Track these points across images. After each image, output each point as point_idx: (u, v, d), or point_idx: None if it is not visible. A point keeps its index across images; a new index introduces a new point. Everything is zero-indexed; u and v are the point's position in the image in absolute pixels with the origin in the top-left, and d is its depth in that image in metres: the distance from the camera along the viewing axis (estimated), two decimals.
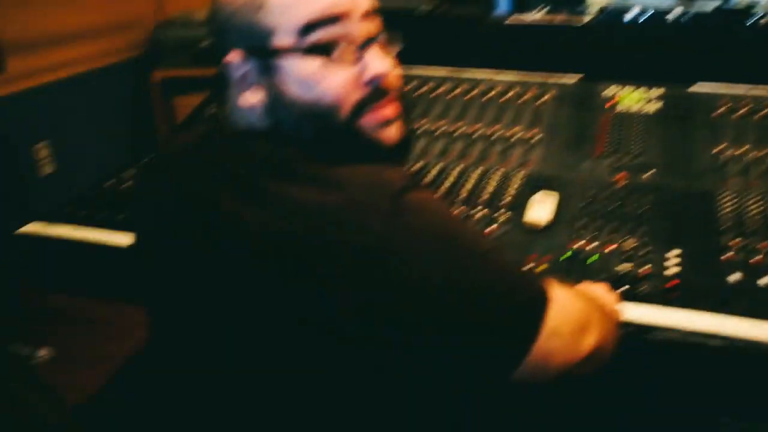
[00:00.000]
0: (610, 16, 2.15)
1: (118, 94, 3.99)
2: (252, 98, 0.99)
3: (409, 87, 2.15)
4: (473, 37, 2.26)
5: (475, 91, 2.11)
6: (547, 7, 2.25)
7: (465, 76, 2.18)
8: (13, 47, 3.18)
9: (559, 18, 2.19)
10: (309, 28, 0.97)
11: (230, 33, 0.99)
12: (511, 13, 2.30)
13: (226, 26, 0.99)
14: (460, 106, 2.07)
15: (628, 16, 2.12)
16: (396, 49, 1.11)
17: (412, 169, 1.84)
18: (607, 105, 2.02)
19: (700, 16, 2.08)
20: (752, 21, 2.06)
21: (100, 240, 1.54)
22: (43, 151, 3.47)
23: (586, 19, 2.17)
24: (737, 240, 1.49)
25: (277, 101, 0.99)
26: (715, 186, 1.71)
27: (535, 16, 2.22)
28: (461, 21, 2.27)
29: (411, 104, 2.07)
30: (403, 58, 2.20)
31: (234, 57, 0.98)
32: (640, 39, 2.13)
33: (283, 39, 0.97)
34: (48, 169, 3.50)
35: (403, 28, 2.23)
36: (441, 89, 2.13)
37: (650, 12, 2.10)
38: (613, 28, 2.15)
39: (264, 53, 0.97)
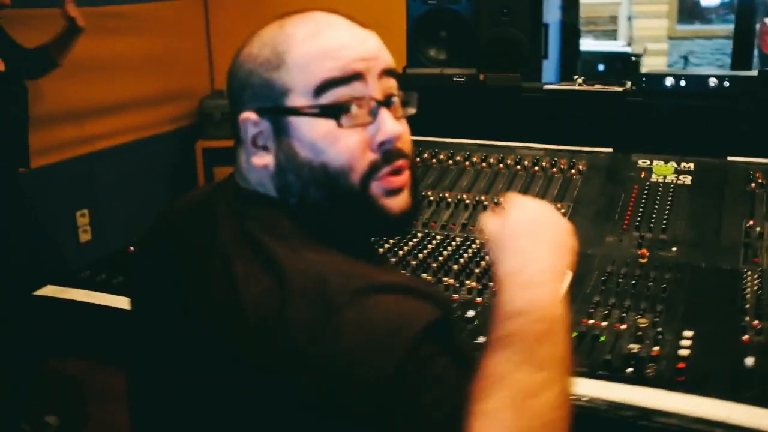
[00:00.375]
0: (647, 86, 2.13)
1: (165, 163, 4.14)
2: (264, 159, 0.98)
3: (440, 156, 2.18)
4: (507, 107, 2.28)
5: (508, 161, 2.12)
6: (583, 77, 2.25)
7: (497, 145, 2.19)
8: (68, 116, 3.36)
9: (595, 87, 2.19)
10: (324, 87, 0.95)
11: (246, 91, 0.98)
12: (551, 82, 2.32)
13: (243, 84, 0.99)
14: (491, 176, 2.08)
15: (664, 86, 2.10)
16: (412, 110, 1.05)
17: (432, 240, 1.85)
18: (639, 177, 2.00)
19: (737, 85, 2.05)
20: None
21: (112, 304, 1.60)
22: (82, 218, 3.63)
23: (622, 88, 2.16)
24: (757, 322, 1.45)
25: (289, 163, 0.97)
26: (742, 263, 1.66)
27: (572, 85, 2.22)
28: (497, 90, 2.29)
29: (435, 174, 2.09)
30: (435, 127, 2.25)
31: (248, 116, 0.97)
32: (677, 109, 2.10)
33: (298, 99, 0.96)
34: (86, 236, 3.65)
35: (438, 96, 2.28)
36: (473, 159, 2.14)
37: (686, 81, 2.08)
38: (650, 98, 2.14)
39: (278, 113, 0.97)
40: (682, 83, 2.07)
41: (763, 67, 7.15)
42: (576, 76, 2.27)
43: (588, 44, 7.02)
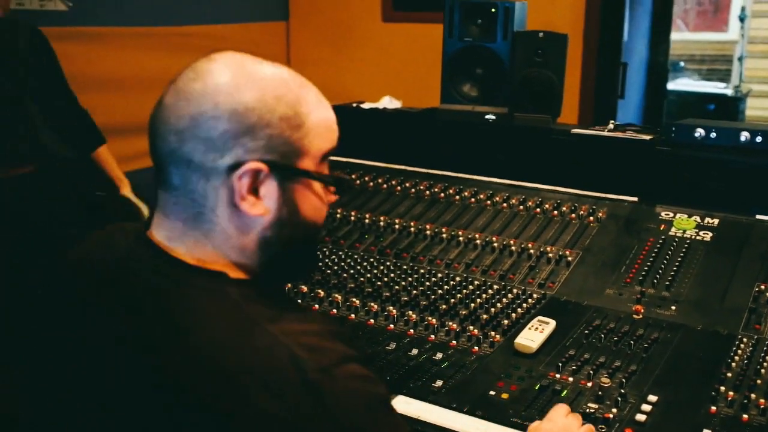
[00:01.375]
0: (676, 136, 2.06)
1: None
2: (259, 209, 0.99)
3: (464, 193, 2.17)
4: (536, 147, 2.25)
5: (530, 203, 2.09)
6: (615, 122, 2.19)
7: (522, 185, 2.17)
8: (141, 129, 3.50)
9: (624, 134, 2.13)
10: (326, 156, 1.03)
11: (260, 140, 0.98)
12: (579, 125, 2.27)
13: (257, 132, 0.98)
14: (509, 217, 2.06)
15: (694, 136, 2.03)
16: None
17: (432, 277, 1.85)
18: (659, 229, 1.93)
19: None
20: None
21: None
22: None
23: (651, 137, 2.09)
24: (732, 393, 1.37)
25: (291, 218, 1.01)
26: (742, 329, 1.58)
27: (601, 130, 2.17)
28: (525, 129, 2.27)
29: (455, 211, 2.09)
30: (464, 164, 2.25)
31: (258, 166, 0.97)
32: (705, 162, 2.02)
33: (309, 162, 1.01)
34: None
35: (468, 133, 2.28)
36: (496, 198, 2.13)
37: (717, 133, 2.00)
38: (679, 149, 2.06)
39: (289, 171, 1.00)
40: (713, 135, 1.99)
41: None
42: (612, 121, 2.22)
43: (685, 83, 6.78)
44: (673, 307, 1.67)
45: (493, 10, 2.27)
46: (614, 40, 3.72)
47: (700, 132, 2.00)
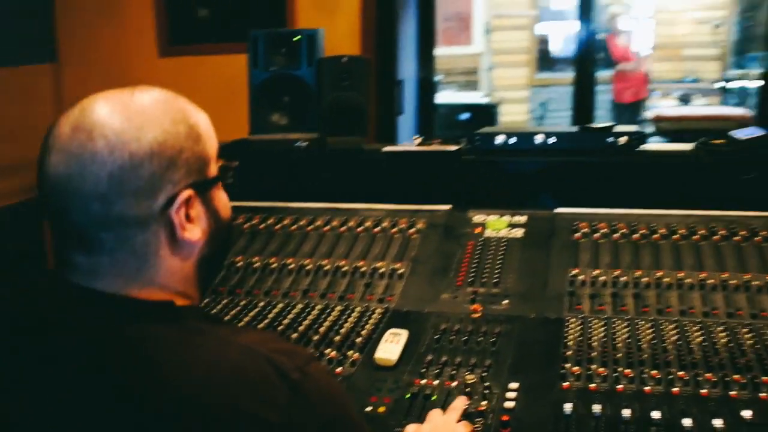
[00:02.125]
0: (480, 144, 2.23)
1: (7, 237, 3.95)
2: (196, 233, 1.00)
3: (285, 221, 2.19)
4: (350, 169, 2.33)
5: (351, 223, 2.16)
6: (422, 137, 2.33)
7: (340, 208, 2.23)
8: None
9: (431, 147, 2.27)
10: (217, 155, 1.05)
11: (181, 168, 0.97)
12: (388, 144, 2.39)
13: (176, 161, 0.97)
14: (333, 239, 2.11)
15: (495, 143, 2.20)
16: None
17: (273, 308, 1.86)
18: (474, 232, 2.08)
19: (562, 141, 2.17)
20: (612, 141, 2.15)
21: None
22: None
23: (457, 147, 2.25)
24: (577, 368, 1.52)
25: (217, 226, 1.04)
26: (567, 311, 1.75)
27: (409, 146, 2.29)
28: (338, 153, 2.34)
29: (279, 240, 2.11)
30: (280, 193, 2.27)
31: (189, 194, 0.97)
32: (507, 165, 2.21)
33: (213, 166, 1.03)
34: None
35: (281, 161, 2.31)
36: (316, 223, 2.17)
37: (516, 138, 2.19)
38: (484, 156, 2.23)
39: (207, 184, 1.01)
40: (512, 141, 2.18)
41: (616, 111, 7.59)
42: (415, 136, 2.35)
43: (448, 96, 7.27)
44: (506, 302, 1.81)
45: (296, 38, 2.32)
46: (390, 60, 3.92)
47: (500, 139, 2.19)
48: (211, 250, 1.03)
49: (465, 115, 6.31)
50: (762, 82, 4.38)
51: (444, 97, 7.07)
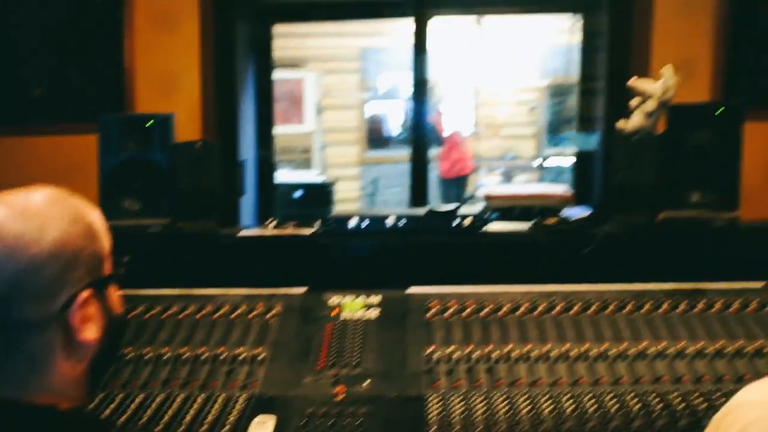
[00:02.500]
0: (334, 227, 2.30)
1: None
2: (93, 333, 0.98)
3: (139, 309, 2.15)
4: (204, 254, 2.33)
5: (207, 309, 2.14)
6: (276, 221, 2.37)
7: (196, 294, 2.22)
8: None
9: (287, 231, 2.32)
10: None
11: (81, 268, 0.97)
12: (243, 228, 2.41)
13: (76, 262, 0.97)
14: (190, 326, 2.09)
15: (348, 226, 2.28)
16: None
17: (132, 401, 1.81)
18: (331, 315, 2.13)
19: (411, 223, 2.28)
20: (458, 223, 2.28)
21: None
22: None
23: (311, 231, 2.31)
24: None
25: (112, 323, 1.03)
26: (425, 390, 1.82)
27: (264, 230, 2.33)
28: (192, 237, 2.33)
29: (133, 329, 2.06)
30: (133, 280, 2.21)
31: (85, 295, 0.96)
32: (360, 248, 2.29)
33: (107, 264, 1.03)
34: None
35: (134, 248, 2.26)
36: (172, 310, 2.14)
37: (368, 222, 2.28)
38: (338, 238, 2.30)
39: (103, 282, 1.00)
40: (364, 224, 2.27)
41: (442, 186, 7.96)
42: (269, 219, 2.39)
43: (285, 175, 7.36)
44: (367, 382, 1.86)
45: (149, 123, 2.32)
46: (231, 142, 3.95)
47: (353, 222, 2.27)
48: (104, 349, 1.03)
49: (300, 193, 6.41)
50: (575, 160, 4.81)
51: (280, 176, 7.16)
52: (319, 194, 6.44)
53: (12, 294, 0.91)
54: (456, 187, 8.34)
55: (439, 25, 4.91)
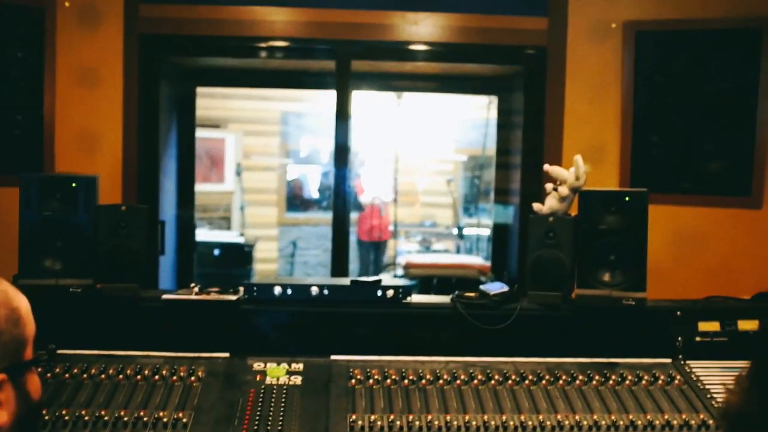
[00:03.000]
0: (258, 294, 2.32)
1: None
2: (4, 417, 0.97)
3: (57, 370, 2.11)
4: (126, 316, 2.31)
5: (129, 371, 2.13)
6: (199, 285, 2.38)
7: (116, 355, 2.20)
8: None
9: (210, 297, 2.33)
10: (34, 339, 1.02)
11: None
12: (166, 291, 2.40)
13: None
14: (111, 388, 2.07)
15: (273, 294, 2.31)
16: None
17: None
18: (255, 380, 2.14)
19: (335, 292, 2.33)
20: (381, 294, 2.34)
21: None
22: None
23: (235, 297, 2.32)
24: None
25: (27, 408, 1.00)
26: None
27: (188, 294, 2.33)
28: (114, 299, 2.31)
29: (51, 390, 2.03)
30: (52, 340, 2.18)
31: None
32: (284, 315, 2.32)
33: (29, 349, 1.02)
34: None
35: (55, 308, 2.23)
36: (92, 371, 2.12)
37: (292, 290, 2.31)
38: (262, 305, 2.32)
39: (22, 367, 0.99)
40: (289, 291, 2.31)
41: (360, 248, 8.03)
42: (193, 284, 2.39)
43: (204, 234, 7.31)
44: None
45: (74, 184, 2.31)
46: (152, 202, 3.93)
47: (278, 290, 2.30)
48: None
49: (220, 253, 6.39)
50: (492, 231, 4.97)
51: (199, 235, 7.11)
52: (239, 254, 6.43)
53: None
54: (374, 250, 8.43)
55: (360, 96, 5.06)
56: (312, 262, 9.29)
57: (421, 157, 9.39)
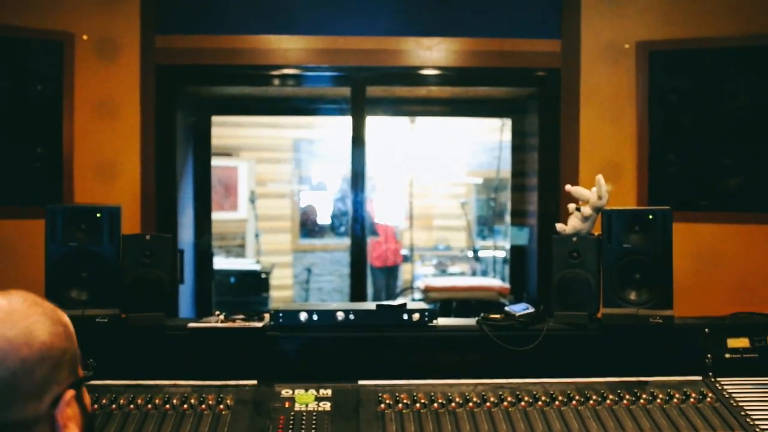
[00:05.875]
0: (284, 321, 2.32)
1: None
2: (76, 429, 0.99)
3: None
4: (153, 345, 2.32)
5: (157, 401, 2.12)
6: (224, 313, 2.38)
7: (144, 384, 2.20)
8: None
9: (236, 323, 2.33)
10: None
11: (65, 367, 0.99)
12: (190, 319, 2.41)
13: (61, 362, 0.98)
14: (140, 418, 2.07)
15: (299, 320, 2.31)
16: None
17: None
18: (284, 407, 2.13)
19: (360, 317, 2.33)
20: (407, 318, 2.34)
21: None
22: None
23: (261, 324, 2.32)
24: None
25: (87, 420, 1.03)
26: None
27: (213, 322, 2.33)
28: (140, 329, 2.32)
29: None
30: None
31: (71, 394, 0.98)
32: (310, 340, 2.32)
33: (80, 365, 1.05)
34: None
35: (82, 339, 2.23)
36: (120, 401, 2.12)
37: (318, 315, 2.32)
38: (287, 331, 2.33)
39: (80, 381, 1.02)
40: (315, 317, 2.31)
41: (372, 275, 8.03)
42: (217, 312, 2.40)
43: (221, 262, 7.33)
44: None
45: (98, 215, 2.32)
46: (171, 230, 3.96)
47: (303, 316, 2.31)
48: None
49: (236, 280, 6.42)
50: (510, 254, 4.97)
51: (216, 262, 7.14)
52: (256, 281, 6.44)
53: (4, 397, 0.92)
54: (387, 276, 8.43)
55: (374, 122, 5.09)
56: (327, 288, 9.30)
57: (434, 181, 9.41)
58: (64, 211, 2.36)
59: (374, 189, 8.70)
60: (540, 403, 2.11)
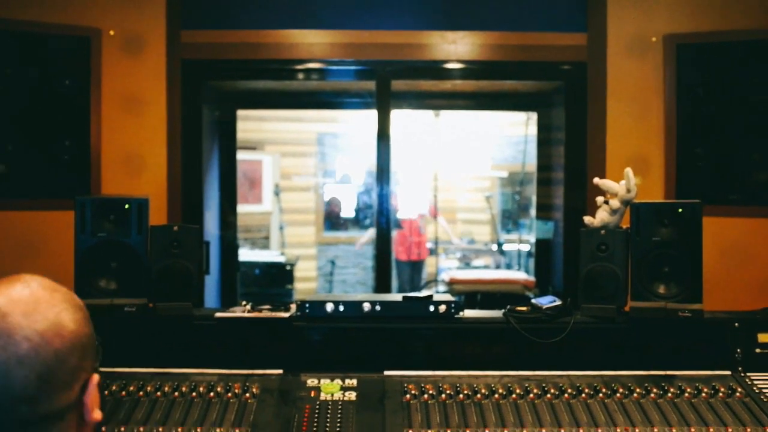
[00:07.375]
0: (310, 311, 2.33)
1: None
2: (99, 412, 1.02)
3: (114, 388, 2.14)
4: (180, 334, 2.34)
5: (184, 389, 2.14)
6: (251, 303, 2.40)
7: (172, 373, 2.22)
8: None
9: (263, 313, 2.34)
10: None
11: (91, 353, 1.01)
12: (216, 309, 2.43)
13: (88, 348, 1.01)
14: (167, 406, 2.08)
15: (325, 310, 2.32)
16: None
17: None
18: (310, 396, 2.15)
19: (386, 308, 2.33)
20: (433, 309, 2.34)
21: None
22: None
23: (287, 314, 2.34)
24: None
25: (102, 406, 1.06)
26: None
27: (241, 312, 2.35)
28: (168, 318, 2.34)
29: (109, 407, 2.05)
30: (107, 358, 2.21)
31: (96, 378, 1.02)
32: (336, 331, 2.33)
33: None
34: None
35: (110, 327, 2.26)
36: (148, 389, 2.14)
37: (344, 306, 2.32)
38: (313, 322, 2.34)
39: (98, 366, 1.04)
40: (341, 308, 2.31)
41: (397, 268, 8.02)
42: (243, 302, 2.41)
43: (246, 254, 7.37)
44: None
45: (126, 206, 2.35)
46: (197, 222, 3.98)
47: (330, 306, 2.31)
48: (100, 427, 1.05)
49: (261, 271, 6.46)
50: (535, 247, 4.95)
51: (242, 254, 7.18)
52: (280, 273, 6.47)
53: (42, 390, 0.93)
54: (411, 269, 8.41)
55: (399, 116, 5.09)
56: (351, 280, 9.32)
57: (459, 174, 9.39)
58: (93, 203, 2.38)
59: (397, 183, 8.70)
60: (566, 395, 2.11)
